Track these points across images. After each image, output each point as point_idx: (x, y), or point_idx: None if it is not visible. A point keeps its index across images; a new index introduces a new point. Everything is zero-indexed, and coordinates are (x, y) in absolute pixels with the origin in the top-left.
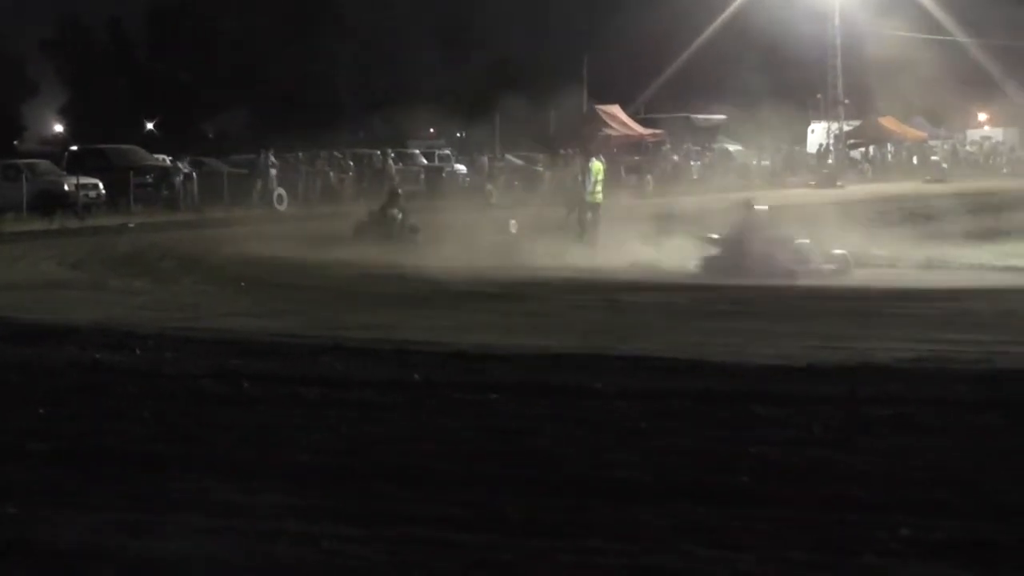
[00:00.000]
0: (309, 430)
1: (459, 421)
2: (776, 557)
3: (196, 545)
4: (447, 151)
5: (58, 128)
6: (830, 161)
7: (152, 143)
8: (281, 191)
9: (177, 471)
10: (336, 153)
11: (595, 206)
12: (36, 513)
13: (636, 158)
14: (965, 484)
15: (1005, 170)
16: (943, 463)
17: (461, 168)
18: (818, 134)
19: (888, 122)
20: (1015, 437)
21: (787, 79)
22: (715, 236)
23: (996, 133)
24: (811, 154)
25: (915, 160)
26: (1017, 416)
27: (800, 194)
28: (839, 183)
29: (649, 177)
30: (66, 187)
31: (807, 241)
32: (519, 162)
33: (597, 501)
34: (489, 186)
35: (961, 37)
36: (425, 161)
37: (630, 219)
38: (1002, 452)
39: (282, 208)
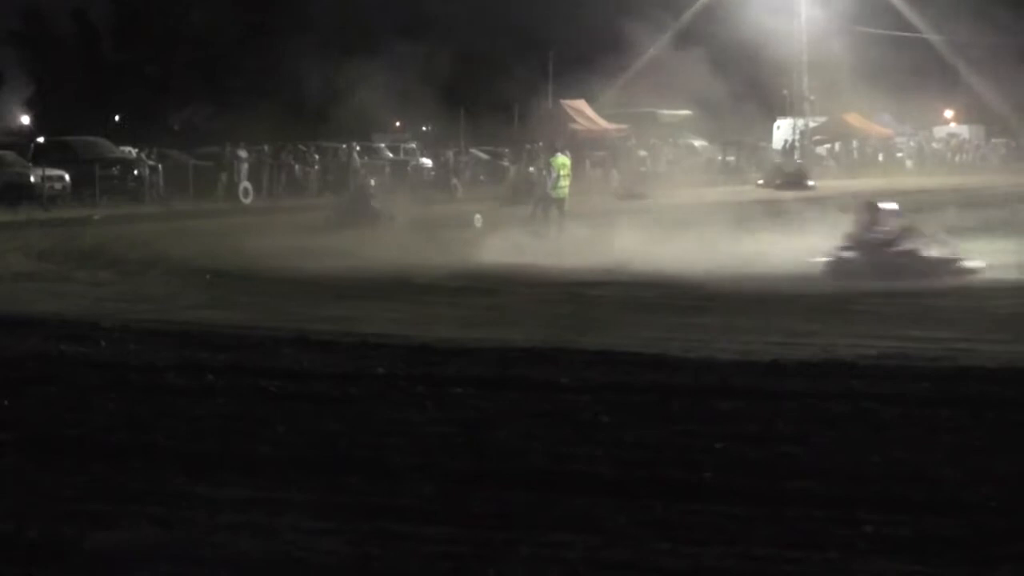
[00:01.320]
0: (273, 423)
1: (422, 414)
2: (739, 552)
3: (159, 537)
4: (412, 145)
5: (24, 120)
6: (796, 158)
7: (118, 135)
8: (247, 184)
9: (140, 463)
10: (301, 146)
11: (560, 201)
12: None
13: (601, 153)
14: (927, 481)
15: None
16: (906, 460)
17: (426, 162)
18: (784, 130)
19: (854, 119)
20: (977, 434)
21: (753, 75)
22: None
23: (962, 130)
24: (776, 150)
25: (880, 157)
26: (979, 413)
27: None
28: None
29: (615, 172)
30: (32, 179)
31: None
32: (484, 156)
33: (560, 495)
34: (454, 180)
35: (927, 34)
36: (390, 155)
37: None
38: (964, 449)
39: (247, 201)
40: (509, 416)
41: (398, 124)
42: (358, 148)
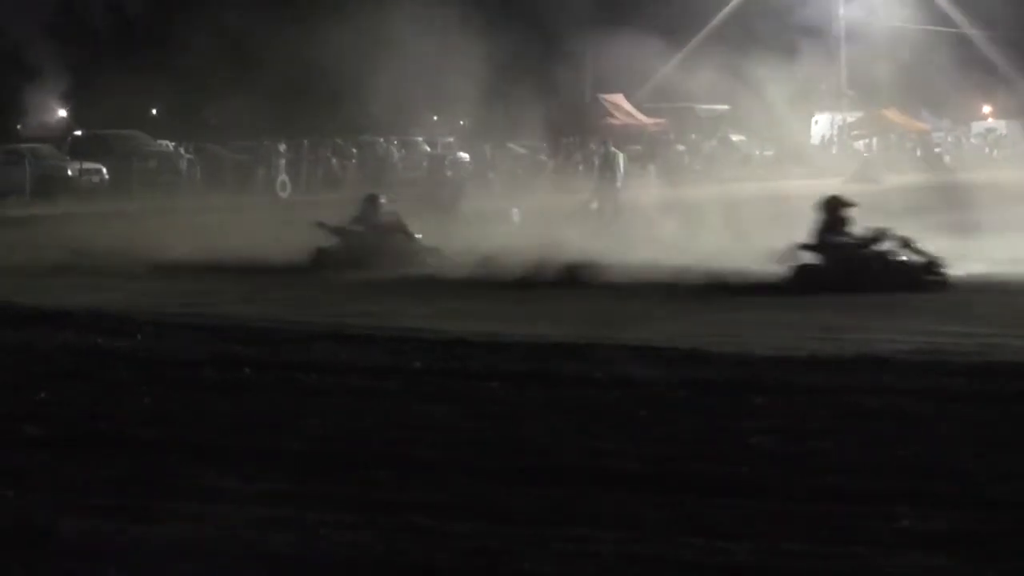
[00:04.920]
0: (306, 417)
1: (456, 409)
2: (772, 547)
3: (191, 531)
4: (450, 139)
5: (61, 113)
6: (834, 152)
7: (155, 129)
8: (285, 178)
9: (174, 457)
10: (339, 140)
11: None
12: (33, 497)
13: (637, 147)
14: (959, 476)
15: None
16: (938, 455)
17: (464, 156)
18: (822, 125)
19: (892, 113)
20: (1009, 429)
21: (791, 69)
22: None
23: (1000, 125)
24: (815, 145)
25: (918, 152)
26: (1011, 409)
27: None
28: None
29: (651, 167)
30: (69, 172)
31: None
32: (522, 151)
33: (594, 490)
34: (491, 175)
35: (967, 29)
36: (428, 149)
37: None
38: (996, 444)
39: (284, 195)
40: (542, 411)
41: (435, 119)
42: (396, 142)
